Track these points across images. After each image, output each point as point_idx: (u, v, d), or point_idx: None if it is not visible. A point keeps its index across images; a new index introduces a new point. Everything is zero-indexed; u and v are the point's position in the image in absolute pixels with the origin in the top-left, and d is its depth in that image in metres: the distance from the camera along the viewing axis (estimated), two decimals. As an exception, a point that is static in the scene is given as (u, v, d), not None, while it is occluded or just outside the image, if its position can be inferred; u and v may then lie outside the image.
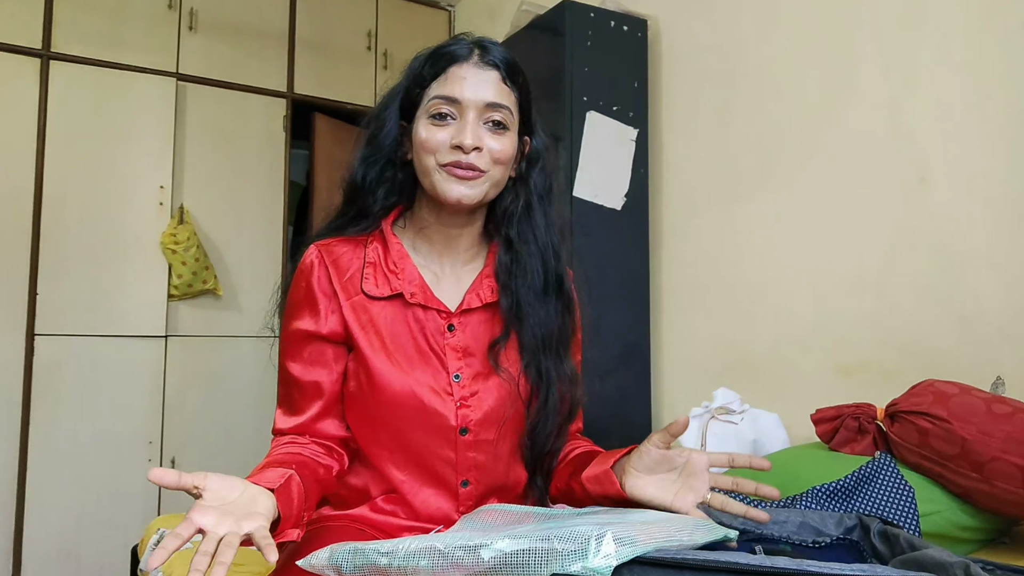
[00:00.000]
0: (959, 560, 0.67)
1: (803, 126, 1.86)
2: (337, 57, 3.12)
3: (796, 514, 0.87)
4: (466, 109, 0.89)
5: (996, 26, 1.48)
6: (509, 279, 0.95)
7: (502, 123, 0.90)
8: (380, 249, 0.95)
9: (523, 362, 0.94)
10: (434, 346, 0.92)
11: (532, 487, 0.99)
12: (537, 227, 0.96)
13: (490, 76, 0.90)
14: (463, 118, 0.89)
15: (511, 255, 0.95)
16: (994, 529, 1.19)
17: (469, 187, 0.89)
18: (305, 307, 0.93)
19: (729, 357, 2.03)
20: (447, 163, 0.88)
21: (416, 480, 0.92)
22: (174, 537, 0.63)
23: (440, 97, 0.89)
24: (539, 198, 0.96)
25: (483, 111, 0.89)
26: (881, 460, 1.16)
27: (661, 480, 0.85)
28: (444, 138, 0.88)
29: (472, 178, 0.89)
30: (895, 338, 1.62)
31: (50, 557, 2.46)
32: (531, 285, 0.94)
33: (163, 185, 2.71)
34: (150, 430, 2.65)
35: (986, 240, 1.48)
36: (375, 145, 0.95)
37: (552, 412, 0.95)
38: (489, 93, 0.89)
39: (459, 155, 0.88)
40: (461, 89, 0.88)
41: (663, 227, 2.27)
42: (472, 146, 0.87)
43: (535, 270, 0.95)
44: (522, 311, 0.93)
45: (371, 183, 0.95)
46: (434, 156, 0.89)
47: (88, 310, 2.57)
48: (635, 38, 2.28)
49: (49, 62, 2.56)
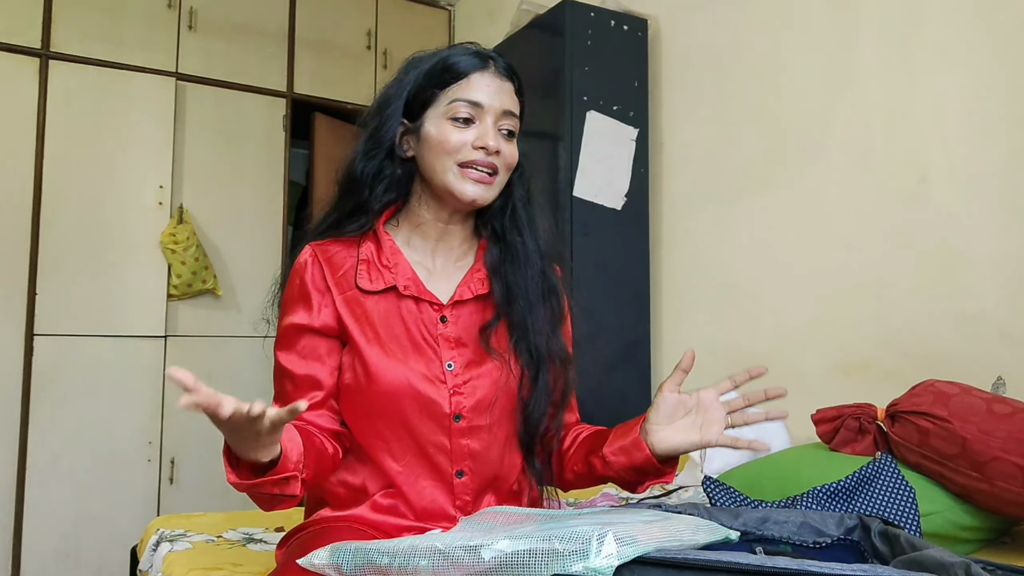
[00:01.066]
0: (960, 560, 0.67)
1: (803, 126, 1.86)
2: (337, 56, 3.12)
3: (797, 514, 0.87)
4: (486, 114, 0.94)
5: (997, 25, 1.48)
6: (499, 266, 1.00)
7: (513, 131, 0.97)
8: (373, 247, 0.98)
9: (512, 341, 0.98)
10: (427, 336, 0.96)
11: (530, 470, 1.00)
12: (520, 221, 1.01)
13: (507, 87, 0.97)
14: (483, 122, 0.94)
15: (500, 245, 1.01)
16: (995, 529, 1.19)
17: (484, 188, 0.94)
18: (299, 302, 0.96)
19: (729, 357, 2.03)
20: (465, 162, 0.93)
21: (412, 471, 0.93)
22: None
23: (463, 100, 0.93)
24: (520, 199, 1.02)
25: (500, 118, 0.95)
26: (882, 461, 1.16)
27: (682, 425, 0.90)
28: (465, 139, 0.93)
29: (488, 181, 0.94)
30: (895, 338, 1.62)
31: (49, 557, 2.46)
32: (519, 271, 0.99)
33: (162, 185, 2.71)
34: (149, 430, 2.65)
35: (987, 240, 1.48)
36: (376, 139, 0.98)
37: (543, 391, 0.98)
38: (507, 102, 0.96)
39: (480, 155, 0.93)
40: (486, 95, 0.94)
41: (663, 227, 2.27)
42: (495, 148, 0.93)
43: (523, 258, 1.00)
44: (511, 294, 0.98)
45: (370, 177, 0.98)
46: (452, 156, 0.93)
47: (87, 310, 2.57)
48: (635, 37, 2.27)
49: (48, 62, 2.56)
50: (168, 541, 1.28)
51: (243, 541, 1.30)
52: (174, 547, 1.25)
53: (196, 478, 2.68)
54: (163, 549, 1.26)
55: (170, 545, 1.26)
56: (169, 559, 1.21)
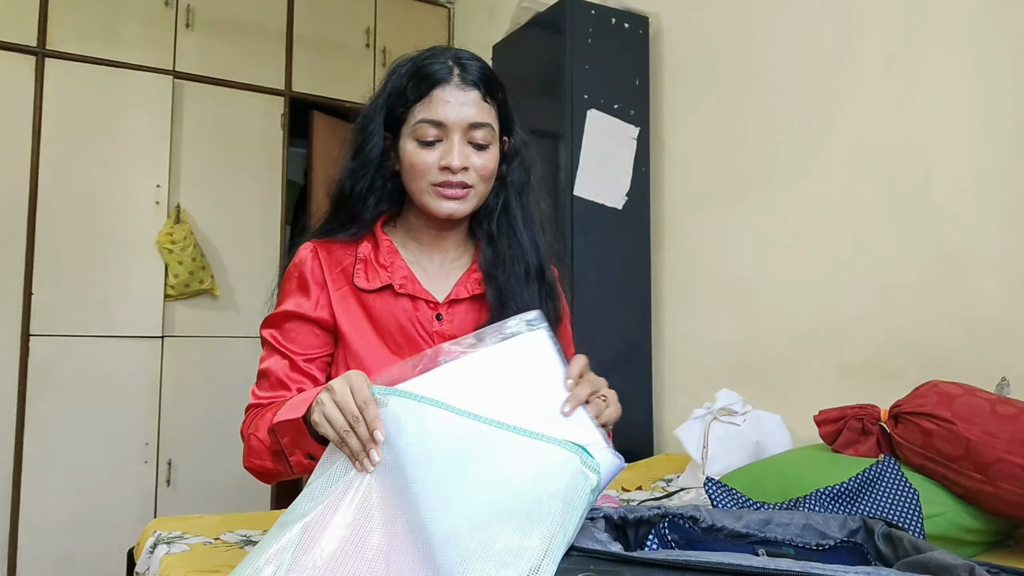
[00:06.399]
0: (964, 563, 0.67)
1: (805, 124, 1.85)
2: (335, 54, 3.11)
3: (800, 516, 0.86)
4: (451, 131, 0.94)
5: (1001, 23, 1.47)
6: (492, 269, 1.00)
7: (483, 144, 0.96)
8: (371, 247, 1.00)
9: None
10: (422, 334, 0.97)
11: None
12: (515, 220, 1.01)
13: (471, 97, 0.94)
14: (449, 139, 0.94)
15: (492, 248, 1.01)
16: (999, 531, 1.19)
17: (459, 203, 0.95)
18: (297, 292, 0.98)
19: (731, 357, 2.02)
20: (437, 183, 0.94)
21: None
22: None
23: (425, 121, 0.94)
24: (517, 194, 1.02)
25: (467, 131, 0.94)
26: (885, 463, 1.15)
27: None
28: (432, 160, 0.94)
29: (461, 196, 0.95)
30: (898, 338, 1.61)
31: (46, 560, 2.44)
32: (512, 274, 1.00)
33: (159, 184, 2.69)
34: (146, 431, 2.63)
35: (990, 239, 1.47)
36: (362, 158, 0.99)
37: None
38: (472, 113, 0.94)
39: (448, 175, 0.93)
40: (445, 113, 0.93)
41: (664, 226, 2.26)
42: (460, 167, 0.93)
43: (516, 260, 1.00)
44: (505, 297, 0.98)
45: (361, 192, 0.99)
46: (424, 178, 0.95)
47: (84, 310, 2.56)
48: (636, 35, 2.27)
49: (44, 59, 2.55)
50: (165, 543, 1.27)
51: (241, 543, 1.29)
52: (171, 549, 1.24)
53: (193, 480, 2.67)
54: (160, 551, 1.25)
55: (167, 547, 1.25)
56: (166, 562, 1.20)
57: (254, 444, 0.90)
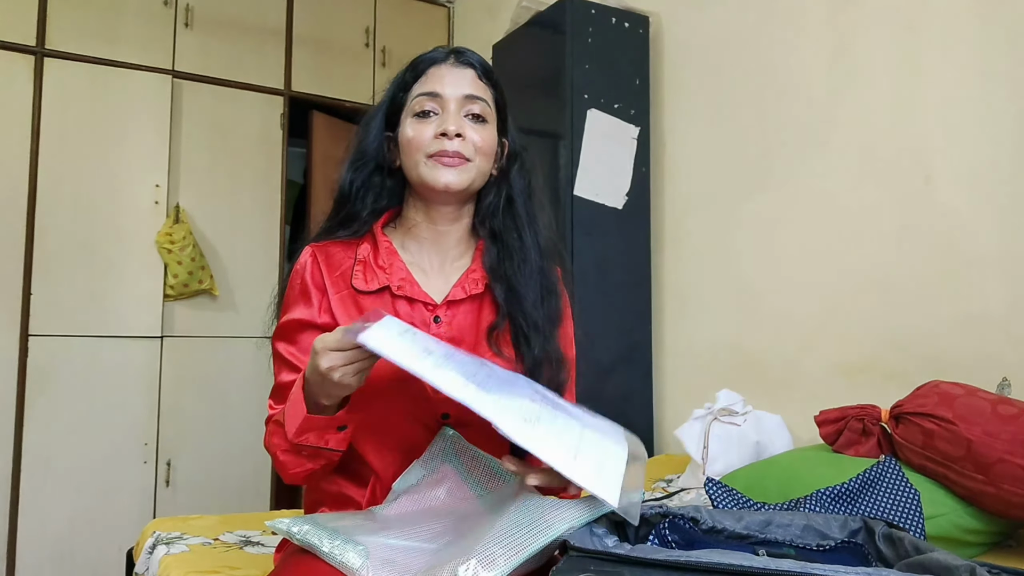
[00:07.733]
0: (965, 564, 0.67)
1: (806, 124, 1.85)
2: (335, 54, 3.11)
3: (800, 517, 0.86)
4: (447, 102, 0.96)
5: (1002, 23, 1.47)
6: (498, 266, 1.00)
7: (481, 115, 0.97)
8: (370, 249, 1.00)
9: (512, 341, 0.98)
10: None
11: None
12: (519, 219, 1.01)
13: (467, 73, 0.99)
14: (445, 111, 0.96)
15: (498, 245, 1.01)
16: (1000, 532, 1.19)
17: (455, 173, 0.95)
18: (300, 300, 0.98)
19: (731, 357, 2.02)
20: (433, 153, 0.95)
21: (400, 469, 0.93)
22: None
23: (422, 94, 0.96)
24: (519, 194, 1.03)
25: (463, 103, 0.96)
26: (886, 463, 1.15)
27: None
28: (429, 131, 0.95)
29: (458, 165, 0.95)
30: (899, 339, 1.61)
31: (44, 560, 2.44)
32: (518, 270, 0.99)
33: (159, 184, 2.69)
34: (146, 432, 2.63)
35: (991, 240, 1.47)
36: (360, 152, 1.01)
37: None
38: (467, 86, 0.97)
39: (444, 143, 0.94)
40: (442, 85, 0.96)
41: (665, 226, 2.26)
42: (455, 132, 0.94)
43: (521, 257, 1.00)
44: (514, 294, 0.98)
45: (359, 189, 1.01)
46: (421, 150, 0.95)
47: (83, 310, 2.55)
48: (637, 35, 2.26)
49: (43, 59, 2.54)
50: (164, 544, 1.27)
51: (240, 544, 1.29)
52: (170, 550, 1.24)
53: (192, 480, 2.66)
54: (159, 552, 1.25)
55: (166, 548, 1.25)
56: (165, 562, 1.20)
57: (284, 460, 0.89)
